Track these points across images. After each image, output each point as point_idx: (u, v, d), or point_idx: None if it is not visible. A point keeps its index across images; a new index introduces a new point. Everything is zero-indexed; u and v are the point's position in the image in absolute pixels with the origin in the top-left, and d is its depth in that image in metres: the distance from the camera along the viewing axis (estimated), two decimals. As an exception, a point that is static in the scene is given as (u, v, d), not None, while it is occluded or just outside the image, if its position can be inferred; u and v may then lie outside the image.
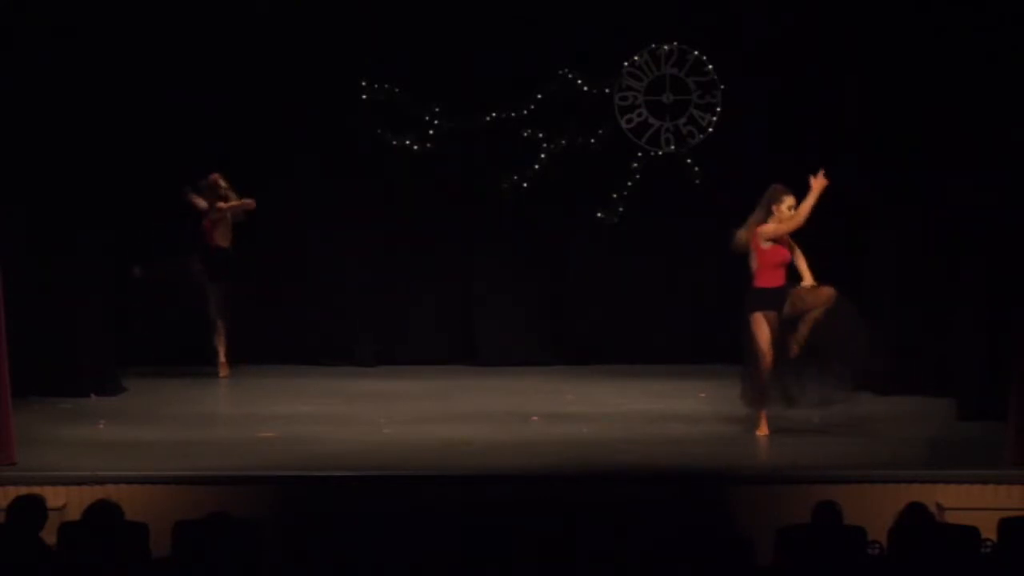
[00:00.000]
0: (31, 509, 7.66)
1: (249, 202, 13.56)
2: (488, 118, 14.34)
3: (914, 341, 12.65)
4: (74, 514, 8.78)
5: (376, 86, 14.31)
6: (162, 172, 13.89)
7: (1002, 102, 11.31)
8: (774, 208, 11.16)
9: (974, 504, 9.39)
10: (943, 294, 12.33)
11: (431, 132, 14.35)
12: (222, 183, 13.60)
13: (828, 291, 11.14)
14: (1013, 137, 11.13)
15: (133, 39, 13.50)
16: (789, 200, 11.17)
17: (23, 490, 8.65)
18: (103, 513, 7.57)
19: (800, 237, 14.29)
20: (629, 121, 14.46)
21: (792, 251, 11.22)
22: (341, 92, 14.21)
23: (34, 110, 12.48)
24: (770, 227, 11.11)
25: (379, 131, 14.28)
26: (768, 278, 11.11)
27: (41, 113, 12.56)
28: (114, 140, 13.44)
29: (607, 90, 14.44)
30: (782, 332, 11.03)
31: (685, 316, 14.49)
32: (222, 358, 13.64)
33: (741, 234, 11.14)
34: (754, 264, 11.15)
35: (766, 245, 11.11)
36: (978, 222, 11.74)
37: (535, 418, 11.85)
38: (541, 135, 14.38)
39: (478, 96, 14.28)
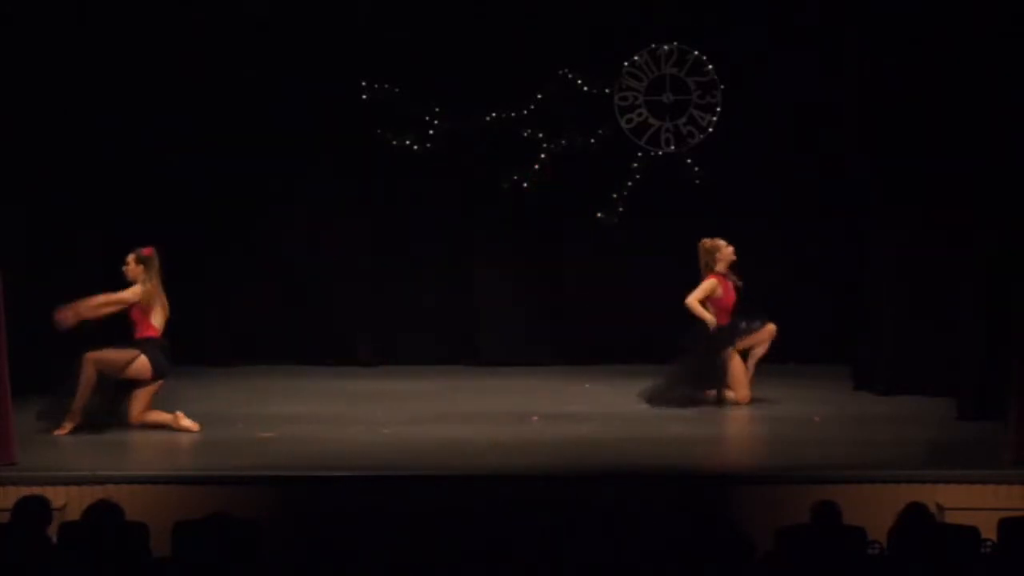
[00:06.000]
0: (36, 509, 7.67)
1: None
2: (488, 118, 14.35)
3: (914, 341, 12.65)
4: (74, 514, 8.78)
5: (376, 86, 14.32)
6: (162, 171, 13.90)
7: (1004, 99, 11.30)
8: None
9: (974, 504, 9.37)
10: (943, 294, 12.33)
11: (431, 132, 14.36)
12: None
13: None
14: (1014, 134, 11.13)
15: (133, 38, 13.54)
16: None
17: (24, 490, 8.65)
18: (103, 513, 7.57)
19: (800, 235, 14.41)
20: (629, 121, 14.47)
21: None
22: (341, 92, 14.22)
23: (34, 110, 12.50)
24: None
25: (379, 131, 14.29)
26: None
27: (41, 113, 12.58)
28: (114, 140, 13.46)
29: (607, 90, 14.45)
30: None
31: (685, 316, 14.47)
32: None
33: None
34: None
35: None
36: (979, 222, 11.74)
37: (535, 418, 11.85)
38: (541, 135, 14.39)
39: (478, 96, 14.29)
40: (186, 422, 11.26)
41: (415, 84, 14.26)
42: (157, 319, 11.44)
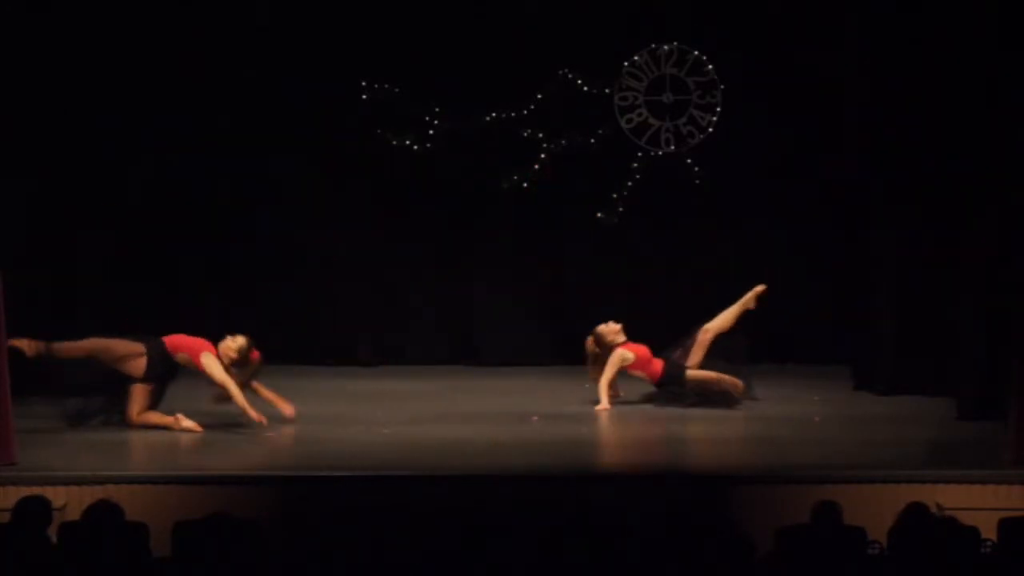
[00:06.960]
0: (36, 509, 7.67)
1: None
2: (488, 118, 14.35)
3: (914, 341, 12.65)
4: (74, 514, 8.77)
5: (376, 86, 14.32)
6: (162, 171, 13.91)
7: (1004, 98, 11.29)
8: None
9: (974, 504, 9.37)
10: (943, 293, 12.33)
11: (431, 132, 14.36)
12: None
13: None
14: (1014, 135, 11.13)
15: (133, 38, 13.52)
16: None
17: (24, 490, 8.65)
18: (103, 513, 7.57)
19: (800, 235, 14.41)
20: (629, 121, 14.47)
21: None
22: (341, 92, 14.22)
23: (34, 110, 12.50)
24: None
25: (379, 131, 14.29)
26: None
27: (41, 113, 12.58)
28: (114, 140, 13.46)
29: (607, 90, 14.44)
30: None
31: (685, 316, 14.47)
32: None
33: None
34: None
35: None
36: (978, 221, 11.74)
37: (535, 418, 11.85)
38: (541, 135, 14.39)
39: (478, 96, 14.29)
40: (187, 423, 11.25)
41: (415, 84, 14.26)
42: (198, 360, 11.36)
